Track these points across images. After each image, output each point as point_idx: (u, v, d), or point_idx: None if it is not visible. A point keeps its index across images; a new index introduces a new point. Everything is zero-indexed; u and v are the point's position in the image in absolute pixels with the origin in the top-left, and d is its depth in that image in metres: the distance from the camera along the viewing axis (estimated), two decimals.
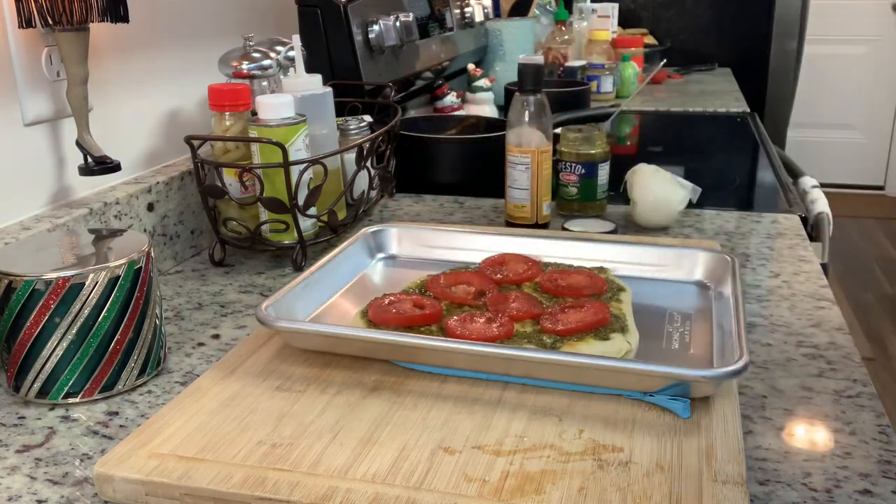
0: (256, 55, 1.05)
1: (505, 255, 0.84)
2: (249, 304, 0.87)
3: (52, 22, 0.77)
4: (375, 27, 1.35)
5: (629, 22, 2.77)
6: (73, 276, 0.63)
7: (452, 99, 1.67)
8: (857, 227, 4.13)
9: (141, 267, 0.67)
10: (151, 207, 0.94)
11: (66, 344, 0.64)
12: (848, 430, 0.61)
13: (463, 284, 0.78)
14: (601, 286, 0.76)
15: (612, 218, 1.08)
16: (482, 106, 1.72)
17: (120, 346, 0.66)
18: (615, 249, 0.87)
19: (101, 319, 0.64)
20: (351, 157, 1.05)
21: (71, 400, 0.66)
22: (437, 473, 0.52)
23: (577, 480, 0.52)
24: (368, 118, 1.15)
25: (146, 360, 0.69)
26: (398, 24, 1.40)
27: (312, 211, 0.95)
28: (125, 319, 0.66)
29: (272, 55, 1.07)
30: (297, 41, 1.01)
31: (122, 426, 0.63)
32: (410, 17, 1.44)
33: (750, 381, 0.68)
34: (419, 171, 1.25)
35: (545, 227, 1.04)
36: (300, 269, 0.95)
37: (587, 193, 1.09)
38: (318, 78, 1.02)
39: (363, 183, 1.07)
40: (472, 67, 1.77)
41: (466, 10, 1.82)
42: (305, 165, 0.91)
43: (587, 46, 2.13)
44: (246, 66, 1.05)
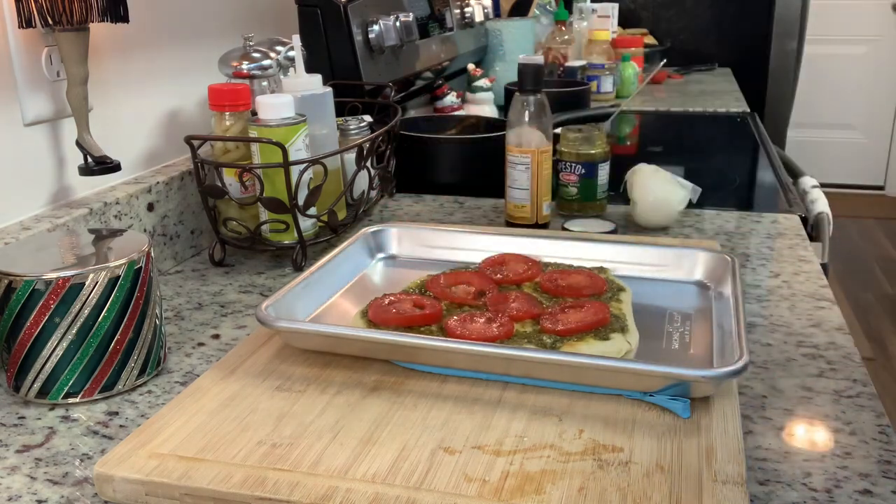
0: (256, 55, 1.05)
1: (505, 255, 0.84)
2: (249, 304, 0.87)
3: (52, 22, 0.77)
4: (375, 27, 1.35)
5: (629, 22, 2.77)
6: (73, 276, 0.63)
7: (452, 99, 1.67)
8: (857, 227, 4.13)
9: (141, 267, 0.67)
10: (151, 207, 0.94)
11: (66, 344, 0.64)
12: (848, 430, 0.61)
13: (463, 284, 0.78)
14: (601, 286, 0.76)
15: (612, 218, 1.08)
16: (482, 106, 1.72)
17: (120, 346, 0.66)
18: (615, 249, 0.87)
19: (101, 319, 0.64)
20: (351, 157, 1.05)
21: (71, 400, 0.66)
22: (437, 473, 0.52)
23: (577, 480, 0.52)
24: (368, 118, 1.15)
25: (146, 360, 0.69)
26: (398, 24, 1.40)
27: (312, 211, 0.95)
28: (125, 319, 0.66)
29: (272, 55, 1.07)
30: (297, 41, 1.01)
31: (122, 426, 0.63)
32: (410, 17, 1.44)
33: (750, 381, 0.68)
34: (419, 171, 1.25)
35: (545, 227, 1.04)
36: (300, 269, 0.95)
37: (587, 193, 1.09)
38: (318, 78, 1.02)
39: (363, 183, 1.07)
40: (472, 67, 1.77)
41: (466, 10, 1.82)
42: (305, 165, 0.91)
43: (587, 46, 2.13)
44: (246, 66, 1.05)
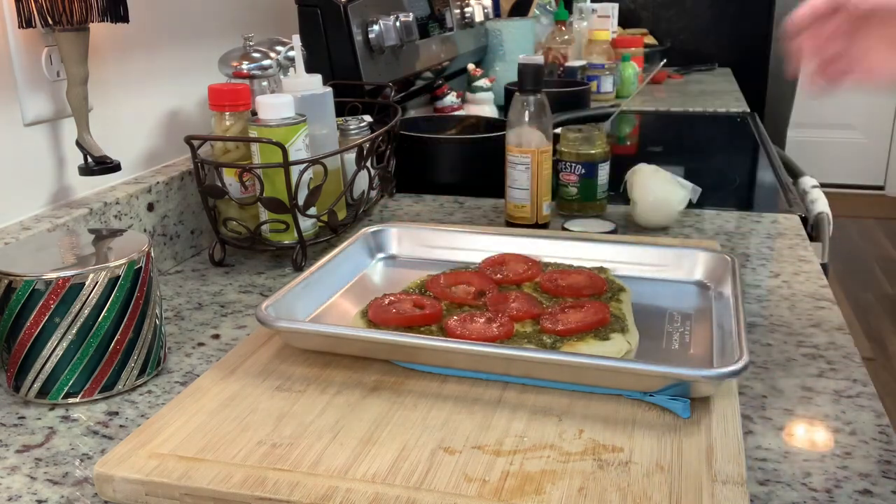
0: (256, 55, 1.05)
1: (505, 255, 0.84)
2: (249, 304, 0.87)
3: (52, 22, 0.77)
4: (375, 27, 1.35)
5: (629, 22, 2.77)
6: (73, 276, 0.63)
7: (452, 99, 1.67)
8: (857, 227, 4.13)
9: (141, 267, 0.67)
10: (151, 207, 0.94)
11: (66, 344, 0.64)
12: (848, 430, 0.61)
13: (463, 284, 0.78)
14: (601, 286, 0.76)
15: (612, 218, 1.08)
16: (482, 106, 1.72)
17: (120, 346, 0.66)
18: (615, 249, 0.87)
19: (101, 319, 0.64)
20: (351, 157, 1.05)
21: (71, 400, 0.66)
22: (437, 473, 0.52)
23: (577, 480, 0.52)
24: (368, 118, 1.15)
25: (146, 360, 0.69)
26: (398, 24, 1.40)
27: (312, 211, 0.95)
28: (125, 319, 0.66)
29: (272, 55, 1.07)
30: (297, 41, 1.01)
31: (122, 426, 0.63)
32: (410, 17, 1.44)
33: (750, 381, 0.68)
34: (419, 171, 1.25)
35: (545, 227, 1.04)
36: (300, 269, 0.95)
37: (587, 193, 1.09)
38: (318, 78, 1.02)
39: (363, 183, 1.07)
40: (472, 67, 1.77)
41: (466, 10, 1.82)
42: (305, 165, 0.91)
43: (587, 46, 2.13)
44: (246, 66, 1.05)
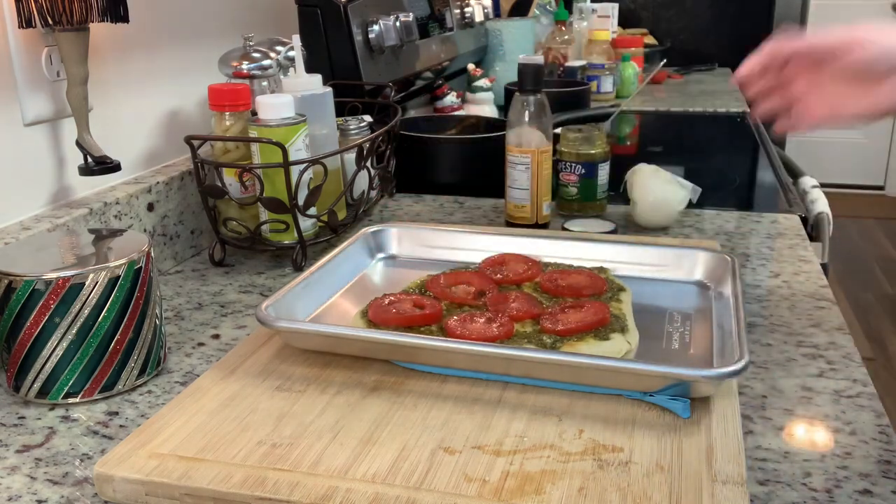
0: (256, 55, 1.05)
1: (505, 255, 0.84)
2: (249, 304, 0.87)
3: (52, 22, 0.77)
4: (375, 27, 1.35)
5: (629, 22, 2.77)
6: (73, 276, 0.63)
7: (452, 99, 1.67)
8: (857, 227, 4.13)
9: (141, 267, 0.67)
10: (151, 207, 0.94)
11: (66, 344, 0.64)
12: (848, 430, 0.61)
13: (463, 284, 0.78)
14: (601, 286, 0.76)
15: (612, 218, 1.08)
16: (482, 106, 1.72)
17: (120, 346, 0.66)
18: (615, 249, 0.87)
19: (101, 319, 0.64)
20: (351, 157, 1.05)
21: (71, 400, 0.66)
22: (437, 473, 0.52)
23: (577, 480, 0.52)
24: (368, 118, 1.15)
25: (146, 360, 0.69)
26: (398, 24, 1.40)
27: (312, 211, 0.95)
28: (125, 319, 0.66)
29: (272, 55, 1.07)
30: (297, 41, 1.01)
31: (122, 426, 0.63)
32: (410, 17, 1.44)
33: (750, 381, 0.68)
34: (419, 171, 1.25)
35: (545, 227, 1.04)
36: (300, 269, 0.95)
37: (587, 193, 1.09)
38: (318, 78, 1.02)
39: (363, 183, 1.07)
40: (472, 67, 1.77)
41: (466, 10, 1.82)
42: (305, 165, 0.91)
43: (587, 46, 2.13)
44: (246, 66, 1.05)
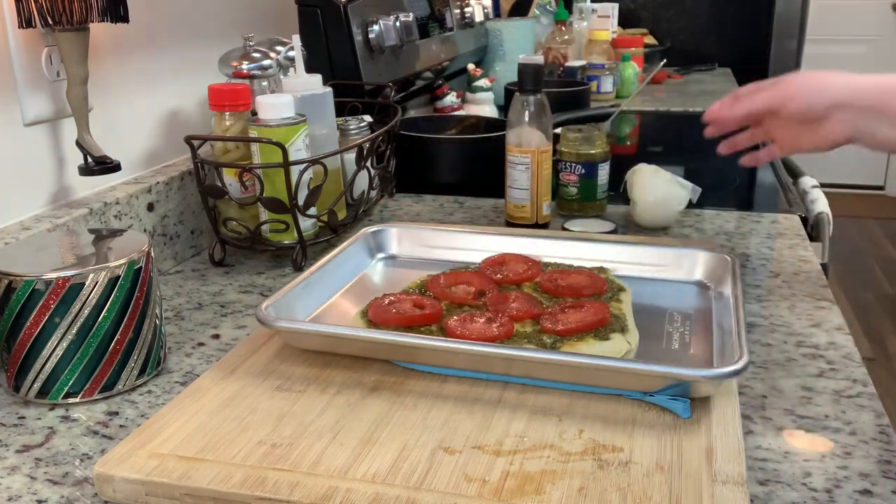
0: (256, 55, 1.05)
1: (505, 255, 0.84)
2: (249, 304, 0.87)
3: (52, 22, 0.77)
4: (375, 27, 1.35)
5: (629, 22, 2.77)
6: (73, 276, 0.63)
7: (452, 99, 1.67)
8: (857, 227, 4.13)
9: (141, 267, 0.67)
10: (151, 207, 0.94)
11: (66, 344, 0.64)
12: (848, 430, 0.61)
13: (463, 284, 0.78)
14: (601, 286, 0.76)
15: (612, 218, 1.08)
16: (482, 106, 1.72)
17: (120, 346, 0.66)
18: (615, 249, 0.87)
19: (101, 319, 0.64)
20: (351, 157, 1.05)
21: (71, 400, 0.66)
22: (437, 473, 0.52)
23: (577, 480, 0.52)
24: (368, 118, 1.15)
25: (146, 360, 0.69)
26: (398, 24, 1.40)
27: (312, 211, 0.95)
28: (125, 319, 0.66)
29: (272, 55, 1.07)
30: (297, 41, 1.01)
31: (122, 426, 0.63)
32: (410, 17, 1.44)
33: (750, 381, 0.68)
34: (419, 171, 1.25)
35: (545, 227, 1.04)
36: (300, 269, 0.95)
37: (587, 193, 1.09)
38: (318, 78, 1.02)
39: (363, 183, 1.07)
40: (472, 67, 1.77)
41: (466, 10, 1.82)
42: (305, 165, 0.91)
43: (587, 46, 2.13)
44: (246, 66, 1.05)
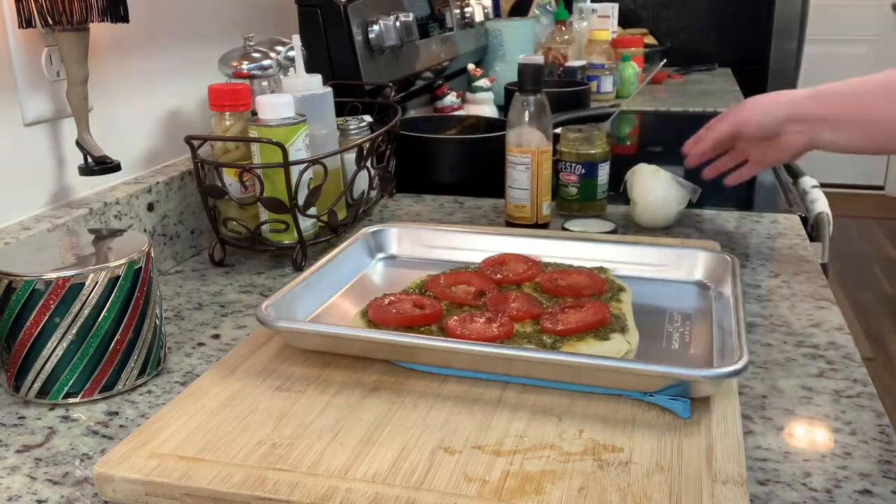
0: (256, 55, 1.05)
1: (505, 255, 0.84)
2: (249, 304, 0.87)
3: (52, 22, 0.77)
4: (375, 27, 1.35)
5: (629, 22, 2.77)
6: (73, 276, 0.63)
7: (452, 99, 1.67)
8: (857, 227, 4.13)
9: (141, 267, 0.67)
10: (151, 207, 0.94)
11: (66, 344, 0.64)
12: (848, 430, 0.61)
13: (463, 284, 0.78)
14: (601, 286, 0.76)
15: (612, 218, 1.08)
16: (482, 106, 1.72)
17: (120, 346, 0.66)
18: (615, 249, 0.87)
19: (101, 319, 0.64)
20: (351, 157, 1.05)
21: (71, 400, 0.66)
22: (437, 473, 0.52)
23: (577, 480, 0.52)
24: (368, 118, 1.15)
25: (146, 360, 0.69)
26: (398, 24, 1.40)
27: (312, 211, 0.95)
28: (125, 319, 0.66)
29: (272, 55, 1.07)
30: (297, 41, 1.01)
31: (122, 426, 0.63)
32: (410, 17, 1.44)
33: (750, 381, 0.68)
34: (419, 171, 1.25)
35: (545, 227, 1.04)
36: (300, 269, 0.95)
37: (587, 193, 1.09)
38: (318, 78, 1.02)
39: (363, 183, 1.07)
40: (472, 67, 1.77)
41: (466, 10, 1.82)
42: (305, 165, 0.91)
43: (587, 46, 2.13)
44: (246, 66, 1.05)
